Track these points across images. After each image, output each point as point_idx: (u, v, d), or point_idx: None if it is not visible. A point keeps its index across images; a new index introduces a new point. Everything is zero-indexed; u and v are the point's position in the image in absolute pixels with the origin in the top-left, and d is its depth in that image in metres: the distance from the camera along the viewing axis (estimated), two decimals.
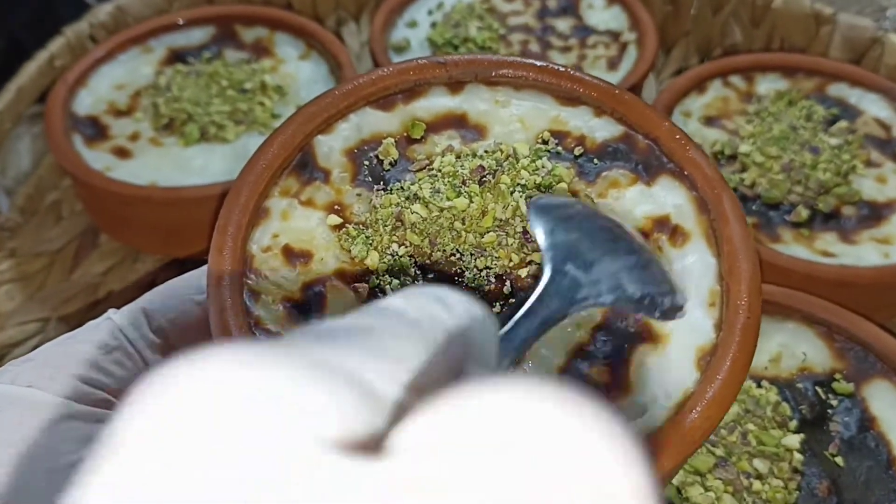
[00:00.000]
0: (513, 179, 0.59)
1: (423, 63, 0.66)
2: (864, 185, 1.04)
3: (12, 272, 1.15)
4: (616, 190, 0.61)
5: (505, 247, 0.57)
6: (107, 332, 0.60)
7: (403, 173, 0.63)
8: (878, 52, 1.26)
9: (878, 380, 0.81)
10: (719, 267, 0.56)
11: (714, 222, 0.58)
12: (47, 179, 1.27)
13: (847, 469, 0.76)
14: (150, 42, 1.26)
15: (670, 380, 0.53)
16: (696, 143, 0.61)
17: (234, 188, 0.60)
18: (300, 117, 0.63)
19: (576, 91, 0.65)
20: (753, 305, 0.54)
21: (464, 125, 0.66)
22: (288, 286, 0.58)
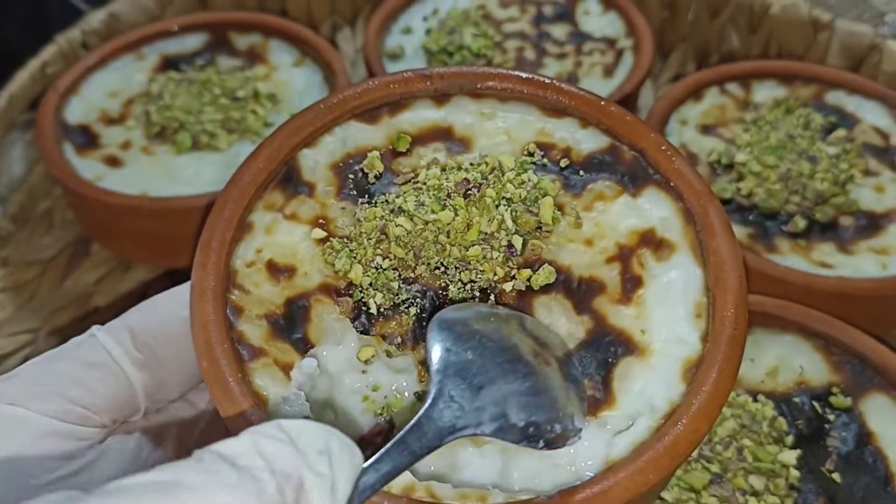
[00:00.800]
0: (498, 193, 0.59)
1: (408, 76, 0.66)
2: (862, 195, 1.03)
3: (3, 281, 1.14)
4: (602, 202, 0.61)
5: (490, 260, 0.57)
6: (90, 349, 0.60)
7: (389, 186, 0.62)
8: (877, 59, 1.25)
9: (876, 394, 0.80)
10: (705, 278, 0.57)
11: (700, 234, 0.58)
12: (39, 187, 1.26)
13: (844, 486, 0.74)
14: (143, 49, 1.25)
15: (656, 392, 0.53)
16: (683, 155, 0.61)
17: (218, 202, 0.60)
18: (285, 131, 0.63)
19: (561, 102, 0.65)
20: (740, 317, 0.54)
21: (449, 138, 0.65)
22: (271, 301, 0.58)
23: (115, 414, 0.60)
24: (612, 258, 0.58)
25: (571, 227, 0.59)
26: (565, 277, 0.57)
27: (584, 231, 0.59)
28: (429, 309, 0.57)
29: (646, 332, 0.55)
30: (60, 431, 0.56)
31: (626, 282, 0.57)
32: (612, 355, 0.55)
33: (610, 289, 0.57)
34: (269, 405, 0.53)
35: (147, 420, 0.63)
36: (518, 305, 0.57)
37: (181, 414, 0.64)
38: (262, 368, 0.54)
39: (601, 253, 0.58)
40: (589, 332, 0.56)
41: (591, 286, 0.57)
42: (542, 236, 0.59)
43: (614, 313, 0.56)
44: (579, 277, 0.57)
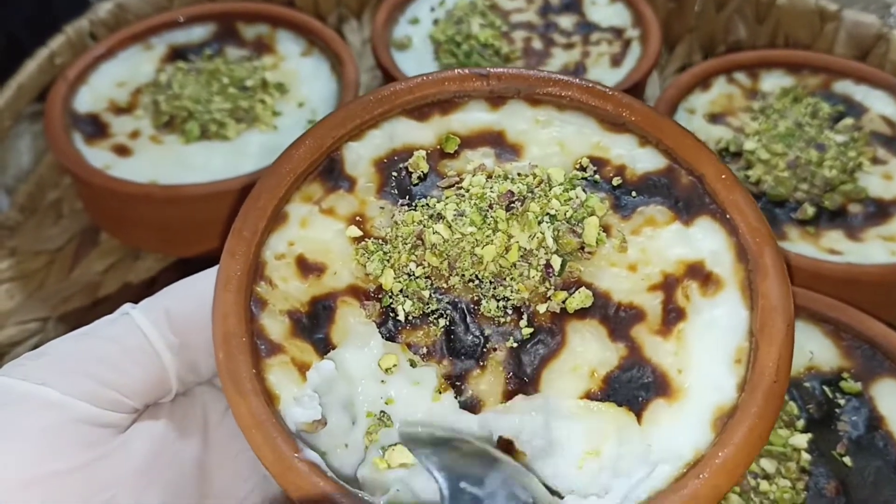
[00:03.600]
0: (542, 208, 0.56)
1: (464, 74, 0.63)
2: (871, 183, 1.03)
3: (12, 271, 1.15)
4: (651, 228, 0.57)
5: (526, 279, 0.54)
6: (125, 329, 0.58)
7: (431, 189, 0.60)
8: (884, 49, 1.25)
9: (886, 378, 0.80)
10: (751, 322, 0.53)
11: (752, 273, 0.54)
12: (47, 177, 1.26)
13: (855, 469, 0.75)
14: (151, 39, 1.26)
15: (683, 438, 0.50)
16: (743, 186, 0.57)
17: (255, 190, 0.58)
18: (331, 121, 0.61)
19: (622, 116, 0.61)
20: (782, 369, 0.50)
21: (500, 143, 0.62)
22: (297, 298, 0.56)
23: (146, 397, 0.58)
24: (655, 286, 0.55)
25: (616, 250, 0.56)
26: (603, 303, 0.55)
27: (629, 255, 0.56)
28: (459, 322, 0.55)
29: (682, 372, 0.52)
30: (91, 417, 0.55)
31: (668, 312, 0.54)
32: (643, 394, 0.52)
33: (650, 318, 0.54)
34: (279, 404, 0.52)
35: (173, 403, 0.62)
36: (551, 327, 0.54)
37: (206, 397, 0.63)
38: (279, 366, 0.53)
39: (644, 280, 0.55)
40: (623, 359, 0.53)
41: (630, 313, 0.54)
42: (584, 257, 0.56)
43: (652, 345, 0.53)
44: (618, 303, 0.55)
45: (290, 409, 0.52)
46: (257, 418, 0.50)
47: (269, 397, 0.52)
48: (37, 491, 0.51)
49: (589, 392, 0.52)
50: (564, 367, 0.53)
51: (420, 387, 0.54)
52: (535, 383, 0.53)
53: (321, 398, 0.54)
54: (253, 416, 0.50)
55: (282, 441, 0.49)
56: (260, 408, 0.50)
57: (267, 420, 0.50)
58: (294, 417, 0.52)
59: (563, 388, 0.53)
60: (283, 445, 0.49)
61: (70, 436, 0.53)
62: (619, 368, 0.53)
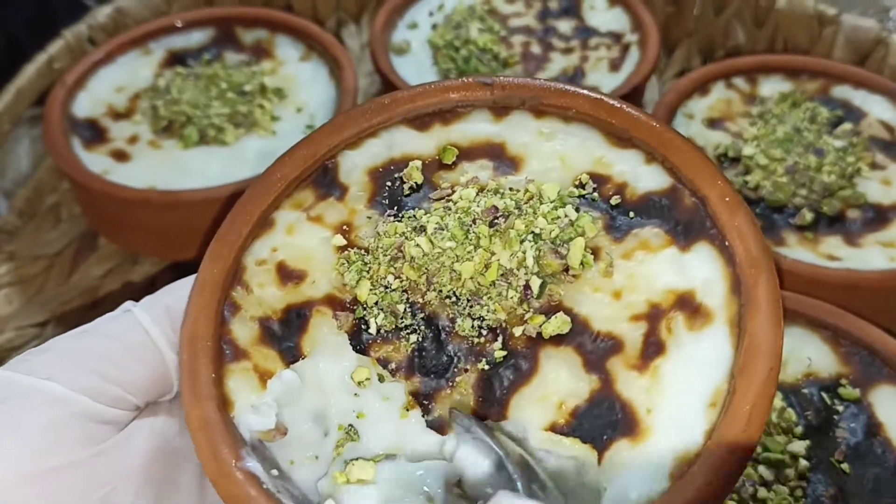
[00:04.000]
0: (527, 226, 0.54)
1: (468, 82, 0.61)
2: (870, 188, 1.03)
3: (11, 275, 1.15)
4: (644, 252, 0.55)
5: (504, 299, 0.53)
6: (127, 326, 0.58)
7: (422, 201, 0.59)
8: (882, 54, 1.25)
9: (885, 385, 0.80)
10: (734, 362, 0.49)
11: (743, 308, 0.50)
12: (46, 182, 1.26)
13: (854, 476, 0.74)
14: (150, 44, 1.26)
15: (638, 484, 0.48)
16: (748, 211, 0.54)
17: (244, 195, 0.58)
18: (328, 128, 0.60)
19: (628, 131, 0.59)
20: (755, 418, 0.46)
21: (500, 156, 0.60)
22: (270, 305, 0.56)
23: (148, 394, 0.59)
24: (638, 316, 0.52)
25: (601, 274, 0.54)
26: (581, 329, 0.52)
27: (615, 281, 0.54)
28: (431, 339, 0.53)
29: (651, 412, 0.50)
30: (93, 413, 0.55)
31: (647, 345, 0.51)
32: (609, 432, 0.50)
33: (628, 349, 0.52)
34: (233, 410, 0.52)
35: (172, 402, 0.62)
36: (525, 352, 0.52)
37: None
38: (240, 372, 0.53)
39: (627, 308, 0.53)
40: (594, 392, 0.51)
41: (608, 343, 0.52)
42: (566, 280, 0.54)
43: (626, 379, 0.51)
44: (597, 332, 0.52)
45: (245, 416, 0.52)
46: (205, 422, 0.49)
47: (223, 402, 0.51)
48: (37, 486, 0.51)
49: (555, 424, 0.50)
50: (534, 396, 0.51)
51: (389, 402, 0.52)
52: (503, 409, 0.51)
53: (285, 408, 0.53)
54: (202, 419, 0.49)
55: (225, 447, 0.48)
56: (211, 412, 0.49)
57: (215, 425, 0.49)
58: (249, 425, 0.51)
59: (530, 418, 0.51)
60: (225, 452, 0.48)
61: (72, 431, 0.54)
62: (589, 402, 0.51)
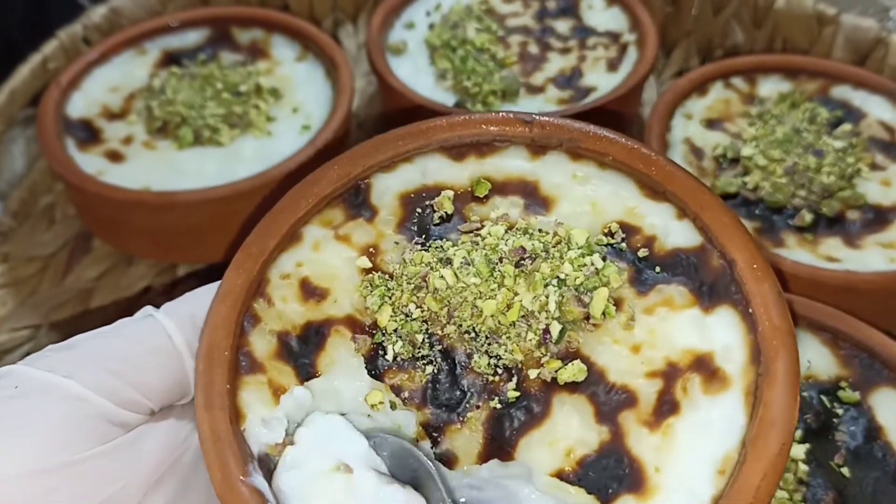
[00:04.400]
0: (553, 271, 0.54)
1: (507, 117, 0.61)
2: (869, 189, 1.03)
3: (4, 277, 1.14)
4: (667, 309, 0.55)
5: (522, 341, 0.53)
6: (150, 331, 0.59)
7: (450, 231, 0.59)
8: (882, 54, 1.24)
9: (885, 388, 0.79)
10: (747, 431, 0.50)
11: (761, 378, 0.51)
12: (40, 183, 1.25)
13: (853, 480, 0.74)
14: (145, 44, 1.25)
15: None
16: (776, 281, 0.54)
17: (274, 208, 0.58)
18: (364, 149, 0.60)
19: (663, 184, 0.58)
20: (764, 490, 0.47)
21: (532, 194, 0.60)
22: (291, 320, 0.56)
23: (165, 400, 0.59)
24: (655, 373, 0.53)
25: (622, 326, 0.54)
26: (596, 379, 0.53)
27: (635, 335, 0.54)
28: (446, 372, 0.54)
29: (660, 471, 0.50)
30: (108, 415, 0.55)
31: (662, 403, 0.52)
32: (615, 486, 0.50)
33: (642, 405, 0.52)
34: (244, 423, 0.52)
35: (185, 406, 0.63)
36: (538, 395, 0.53)
37: None
38: (254, 385, 0.53)
39: (645, 364, 0.53)
40: (603, 444, 0.51)
41: (622, 396, 0.52)
42: (587, 328, 0.54)
43: (636, 435, 0.51)
44: (612, 383, 0.53)
45: (256, 429, 0.52)
46: (216, 434, 0.49)
47: (235, 414, 0.51)
48: (47, 481, 0.52)
49: (561, 471, 0.51)
50: (543, 440, 0.52)
51: (399, 431, 0.53)
52: (511, 449, 0.52)
53: (294, 424, 0.53)
54: (213, 431, 0.50)
55: (233, 461, 0.48)
56: (222, 424, 0.50)
57: (225, 437, 0.49)
58: (259, 438, 0.52)
59: (537, 461, 0.51)
60: (232, 465, 0.48)
61: (85, 430, 0.54)
62: (598, 453, 0.51)
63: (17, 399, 0.53)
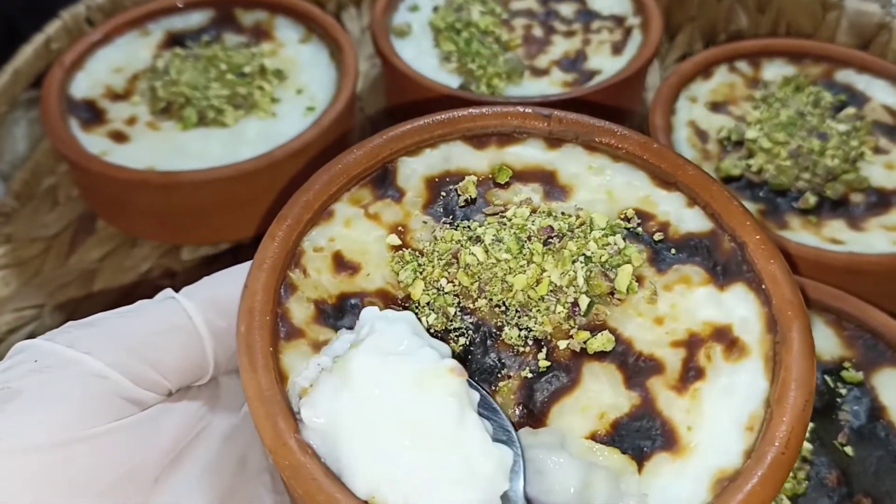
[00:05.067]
0: (579, 248, 0.57)
1: (527, 112, 0.65)
2: (873, 172, 1.03)
3: (8, 257, 1.14)
4: (685, 286, 0.58)
5: (552, 313, 0.55)
6: (171, 312, 0.60)
7: (476, 213, 0.62)
8: (886, 38, 1.24)
9: (888, 368, 0.80)
10: (770, 393, 0.53)
11: (778, 345, 0.54)
12: (44, 164, 1.25)
13: (857, 459, 0.74)
14: (148, 25, 1.24)
15: (680, 495, 0.51)
16: (783, 259, 0.57)
17: (305, 184, 0.60)
18: (390, 134, 0.63)
19: (674, 175, 0.63)
20: (793, 442, 0.50)
21: (551, 182, 0.64)
22: (326, 290, 0.57)
23: (183, 380, 0.60)
24: (679, 342, 0.56)
25: (645, 301, 0.57)
26: (624, 349, 0.55)
27: (658, 308, 0.57)
28: (479, 344, 0.55)
29: (692, 430, 0.53)
30: (127, 393, 0.56)
31: (687, 369, 0.55)
32: (648, 445, 0.52)
33: (668, 372, 0.55)
34: (288, 383, 0.53)
35: (201, 387, 0.63)
36: (568, 365, 0.55)
37: (232, 381, 0.65)
38: (295, 349, 0.54)
39: (669, 334, 0.56)
40: (634, 407, 0.53)
41: (649, 364, 0.55)
42: (612, 303, 0.57)
43: (666, 399, 0.54)
44: (639, 352, 0.55)
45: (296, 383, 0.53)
46: (263, 393, 0.50)
47: (279, 375, 0.52)
48: (64, 453, 0.52)
49: (595, 433, 0.53)
50: (575, 406, 0.54)
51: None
52: (543, 416, 0.53)
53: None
54: (260, 390, 0.50)
55: (281, 419, 0.49)
56: (268, 383, 0.51)
57: (272, 396, 0.50)
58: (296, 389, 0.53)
59: (570, 426, 0.53)
60: (282, 423, 0.49)
61: (103, 406, 0.55)
62: (629, 416, 0.53)
63: (36, 373, 0.54)
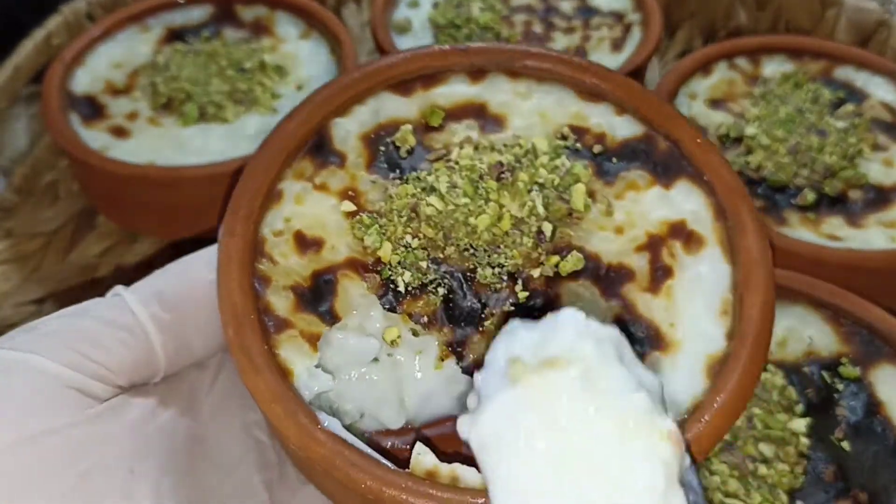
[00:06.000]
0: (531, 178, 0.58)
1: (444, 50, 0.65)
2: (871, 169, 1.03)
3: (8, 252, 1.14)
4: (634, 192, 0.60)
5: (519, 246, 0.56)
6: (114, 309, 0.59)
7: (420, 162, 0.62)
8: (885, 35, 1.24)
9: (885, 364, 0.80)
10: (734, 276, 0.56)
11: (731, 231, 0.57)
12: (44, 160, 1.25)
13: (853, 454, 0.75)
14: (148, 21, 1.25)
15: (680, 386, 0.52)
16: (717, 149, 0.60)
17: (247, 169, 0.59)
18: (317, 98, 0.62)
19: (598, 86, 0.64)
20: (766, 318, 0.53)
21: (483, 115, 0.64)
22: (298, 273, 0.57)
23: (132, 376, 0.59)
24: (641, 247, 0.58)
25: (602, 214, 0.59)
26: (594, 265, 0.57)
27: (615, 219, 0.59)
28: (457, 290, 0.56)
29: (674, 325, 0.55)
30: (78, 384, 0.55)
31: (655, 270, 0.57)
32: (638, 348, 0.54)
33: (639, 277, 0.57)
34: (293, 377, 0.53)
35: (158, 384, 0.62)
36: (546, 290, 0.56)
37: (191, 375, 0.64)
38: (289, 340, 0.54)
39: (631, 241, 0.58)
40: (616, 316, 0.55)
41: (621, 273, 0.57)
42: (573, 223, 0.58)
43: (643, 302, 0.56)
44: (608, 264, 0.57)
45: (305, 381, 0.53)
46: (276, 393, 0.50)
47: (282, 372, 0.52)
48: (25, 452, 0.52)
49: None
50: None
51: (423, 355, 0.55)
52: None
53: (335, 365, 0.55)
54: (271, 391, 0.50)
55: (302, 414, 0.50)
56: (276, 383, 0.51)
57: (285, 394, 0.50)
58: (310, 388, 0.53)
59: None
60: (304, 418, 0.50)
61: (58, 400, 0.54)
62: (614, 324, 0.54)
63: None
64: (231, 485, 0.61)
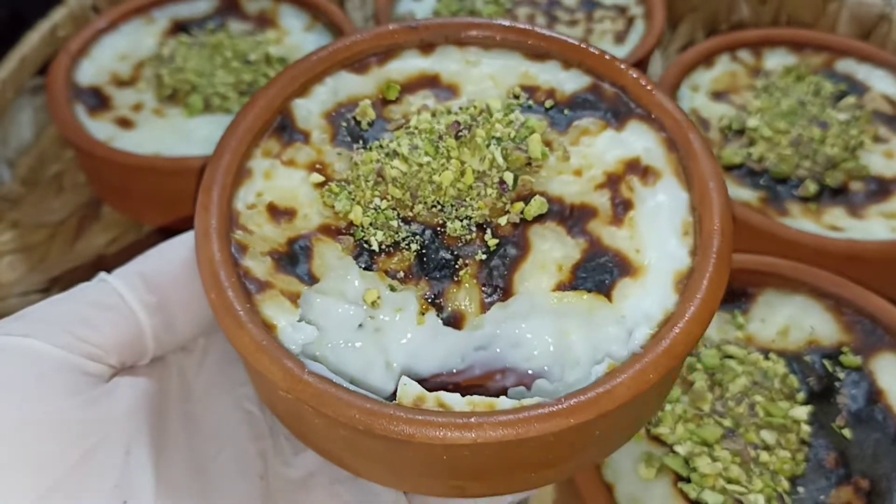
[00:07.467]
0: (488, 133, 0.61)
1: (394, 28, 0.69)
2: (872, 161, 1.04)
3: (14, 243, 1.15)
4: (588, 137, 0.63)
5: (484, 197, 0.59)
6: (100, 292, 0.60)
7: (381, 132, 0.65)
8: (886, 29, 1.25)
9: (886, 353, 0.81)
10: (691, 199, 0.59)
11: (684, 160, 0.60)
12: (49, 151, 1.26)
13: (854, 441, 0.75)
14: (153, 13, 1.25)
15: (651, 304, 0.56)
16: (661, 88, 0.63)
17: (216, 150, 0.61)
18: (279, 82, 0.65)
19: (542, 47, 0.68)
20: (725, 231, 0.56)
21: (437, 85, 0.68)
22: (274, 240, 0.59)
23: (123, 356, 0.60)
24: (601, 185, 0.61)
25: (560, 160, 0.62)
26: (558, 207, 0.60)
27: (573, 163, 0.62)
28: (429, 245, 0.58)
29: (640, 252, 0.58)
30: (74, 365, 0.56)
31: (616, 205, 0.60)
32: (609, 277, 0.57)
33: (602, 212, 0.59)
34: (277, 331, 0.54)
35: (148, 366, 0.63)
36: (514, 236, 0.59)
37: (179, 358, 0.66)
38: (270, 299, 0.55)
39: (590, 181, 0.61)
40: (585, 251, 0.58)
41: (584, 211, 0.59)
42: (533, 171, 0.61)
43: (608, 235, 0.58)
44: (571, 205, 0.60)
45: (289, 334, 0.54)
46: (260, 343, 0.51)
47: (266, 327, 0.54)
48: (26, 434, 0.52)
49: (560, 284, 0.57)
50: (533, 268, 0.58)
51: (404, 312, 0.57)
52: (509, 287, 0.57)
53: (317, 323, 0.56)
54: (255, 342, 0.51)
55: (288, 360, 0.51)
56: (260, 335, 0.52)
57: (270, 344, 0.52)
58: (294, 341, 0.54)
59: (536, 287, 0.57)
60: (291, 364, 0.51)
61: (56, 382, 0.55)
62: (584, 260, 0.57)
63: None
64: (226, 456, 0.62)
